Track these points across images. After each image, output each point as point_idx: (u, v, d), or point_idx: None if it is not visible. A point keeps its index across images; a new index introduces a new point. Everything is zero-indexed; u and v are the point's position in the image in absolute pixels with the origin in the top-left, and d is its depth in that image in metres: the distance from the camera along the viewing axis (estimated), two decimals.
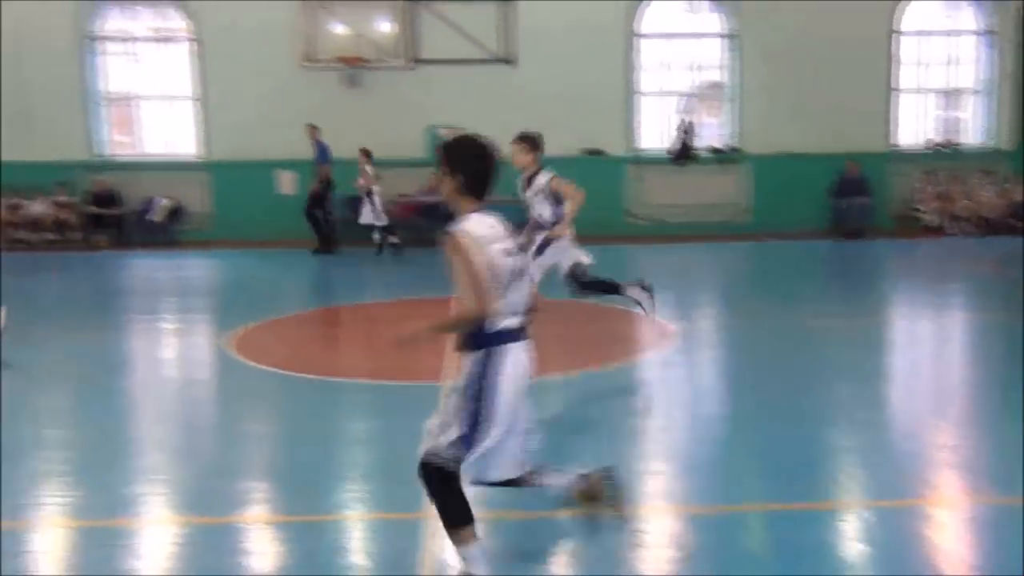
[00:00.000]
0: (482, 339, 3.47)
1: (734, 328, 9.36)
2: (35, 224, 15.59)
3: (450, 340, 3.77)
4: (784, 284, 11.91)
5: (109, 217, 15.70)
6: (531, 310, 3.72)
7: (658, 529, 4.41)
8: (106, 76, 16.20)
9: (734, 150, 16.24)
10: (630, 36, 16.02)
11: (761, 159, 15.90)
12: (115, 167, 16.08)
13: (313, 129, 14.35)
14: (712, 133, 16.45)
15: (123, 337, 9.51)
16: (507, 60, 15.59)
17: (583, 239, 7.77)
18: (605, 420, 6.22)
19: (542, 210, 7.49)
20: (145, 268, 14.43)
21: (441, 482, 3.52)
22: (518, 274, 3.56)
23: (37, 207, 15.62)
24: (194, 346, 9.16)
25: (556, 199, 7.43)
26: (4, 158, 14.91)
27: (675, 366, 7.83)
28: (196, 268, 14.44)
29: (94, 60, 16.06)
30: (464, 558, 3.59)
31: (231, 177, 15.60)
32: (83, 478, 5.26)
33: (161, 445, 5.94)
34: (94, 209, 15.68)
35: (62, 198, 15.70)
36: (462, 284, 3.40)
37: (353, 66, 15.35)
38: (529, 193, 7.56)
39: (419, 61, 15.48)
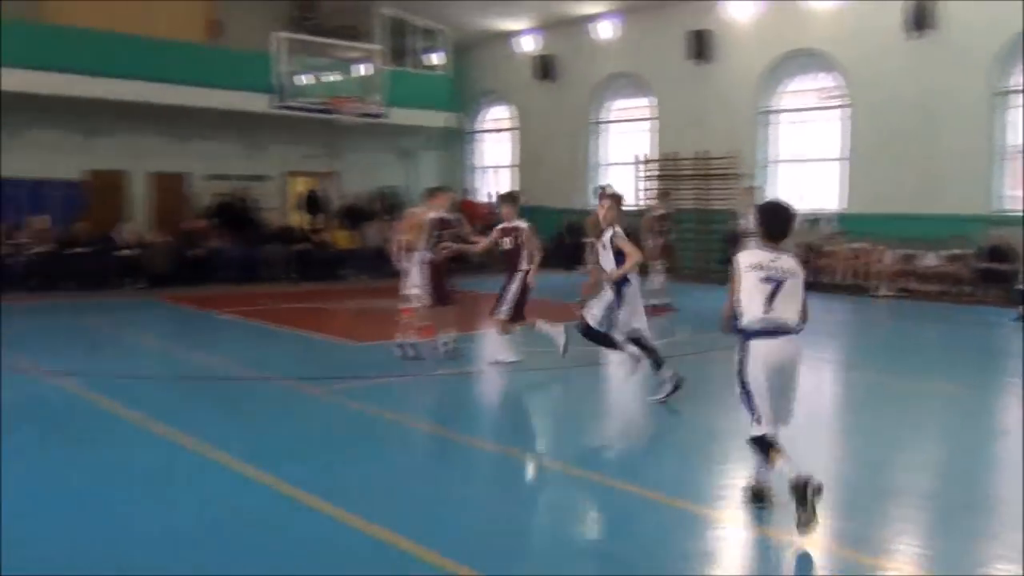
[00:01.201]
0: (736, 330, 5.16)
1: None
2: (925, 275, 16.31)
3: None
4: None
5: (1000, 272, 15.40)
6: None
7: None
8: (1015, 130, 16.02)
9: None
10: None
11: None
12: (1012, 222, 15.72)
13: None
14: None
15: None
16: None
17: None
18: None
19: (606, 263, 7.99)
20: None
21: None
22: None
23: (930, 259, 16.32)
24: None
25: (618, 255, 7.92)
26: (914, 211, 16.08)
27: None
28: None
29: (1003, 116, 16.05)
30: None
31: None
32: None
33: None
34: (987, 264, 15.60)
35: (956, 251, 16.06)
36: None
37: None
38: (599, 246, 8.18)
39: None
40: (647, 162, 21.52)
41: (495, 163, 26.53)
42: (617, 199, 8.42)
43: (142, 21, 20.24)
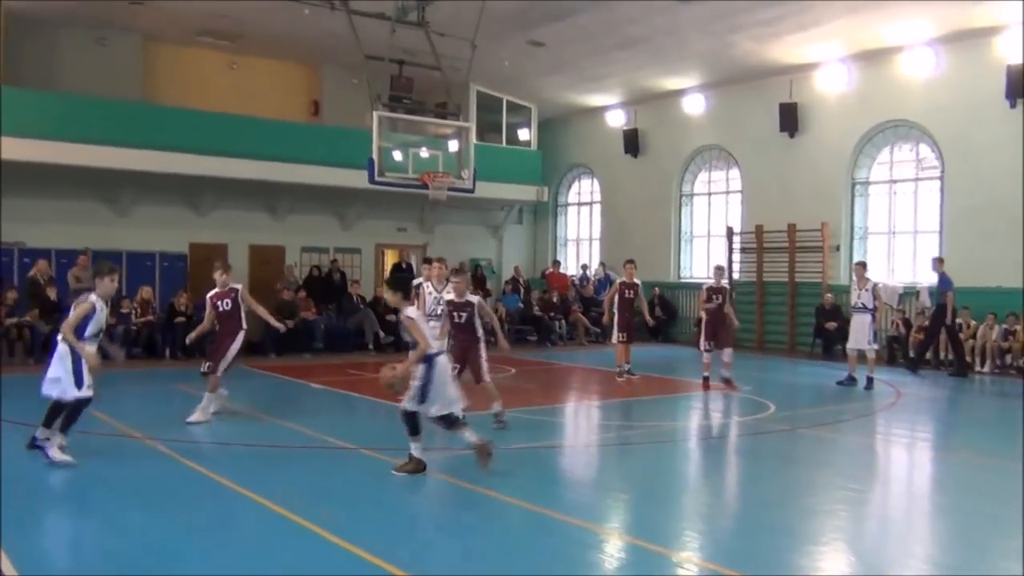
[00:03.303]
0: None
1: None
2: None
3: None
4: None
5: None
6: None
7: None
8: None
9: None
10: None
11: None
12: None
13: None
14: None
15: None
16: None
17: None
18: None
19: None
20: None
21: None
22: None
23: None
24: None
25: None
26: (1015, 284, 15.58)
27: None
28: None
29: None
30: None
31: None
32: None
33: None
34: None
35: None
36: None
37: None
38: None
39: None
40: (733, 235, 21.39)
41: (581, 236, 26.73)
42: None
43: (247, 102, 21.39)
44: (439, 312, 10.51)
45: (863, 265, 14.65)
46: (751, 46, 18.65)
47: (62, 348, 7.96)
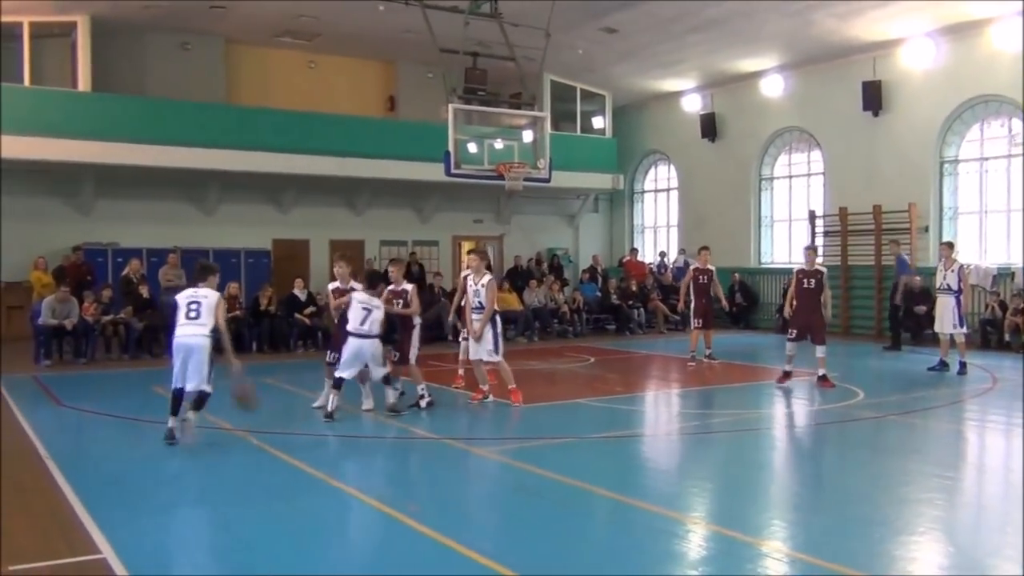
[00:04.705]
0: None
1: None
2: None
3: None
4: None
5: None
6: None
7: None
8: None
9: None
10: None
11: None
12: None
13: None
14: None
15: None
16: None
17: None
18: None
19: None
20: None
21: None
22: None
23: None
24: None
25: None
26: None
27: None
28: None
29: None
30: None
31: None
32: None
33: None
34: None
35: None
36: None
37: None
38: None
39: None
40: (816, 218, 20.90)
41: (659, 223, 26.47)
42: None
43: (325, 100, 21.79)
44: (477, 303, 10.86)
45: (950, 245, 14.09)
46: (832, 24, 18.15)
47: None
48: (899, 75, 19.09)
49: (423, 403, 10.54)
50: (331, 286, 11.11)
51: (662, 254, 24.95)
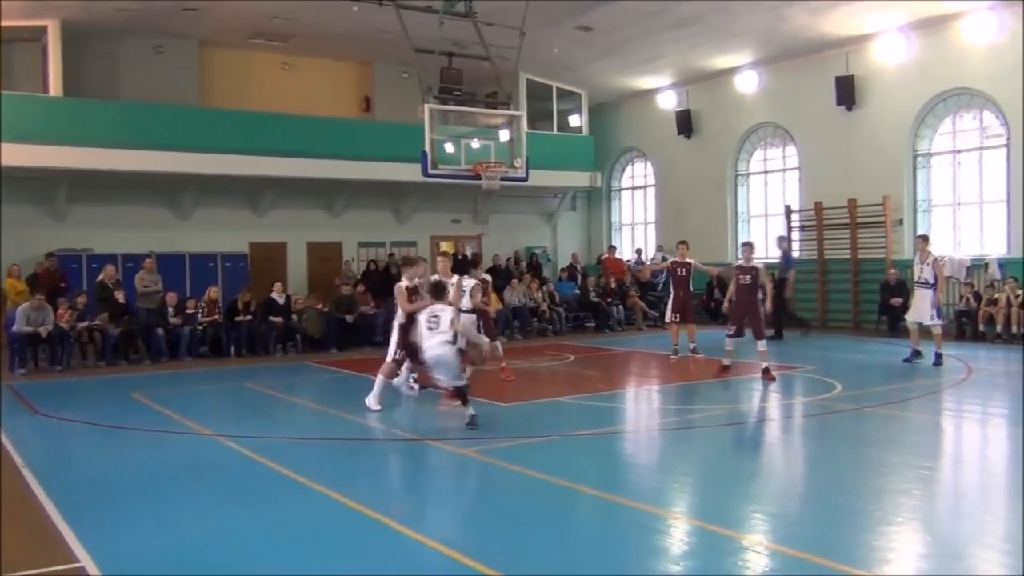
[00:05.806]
0: None
1: None
2: None
3: None
4: None
5: None
6: None
7: None
8: None
9: None
10: None
11: None
12: None
13: None
14: None
15: None
16: None
17: None
18: None
19: None
20: None
21: None
22: None
23: None
24: None
25: None
26: None
27: None
28: None
29: None
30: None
31: None
32: None
33: None
34: None
35: None
36: None
37: None
38: None
39: None
40: (792, 213, 21.04)
41: (636, 220, 26.55)
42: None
43: (300, 101, 21.68)
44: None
45: (925, 239, 14.21)
46: (805, 19, 18.28)
47: None
48: (872, 69, 19.25)
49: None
50: (402, 284, 10.74)
51: (638, 251, 25.03)
